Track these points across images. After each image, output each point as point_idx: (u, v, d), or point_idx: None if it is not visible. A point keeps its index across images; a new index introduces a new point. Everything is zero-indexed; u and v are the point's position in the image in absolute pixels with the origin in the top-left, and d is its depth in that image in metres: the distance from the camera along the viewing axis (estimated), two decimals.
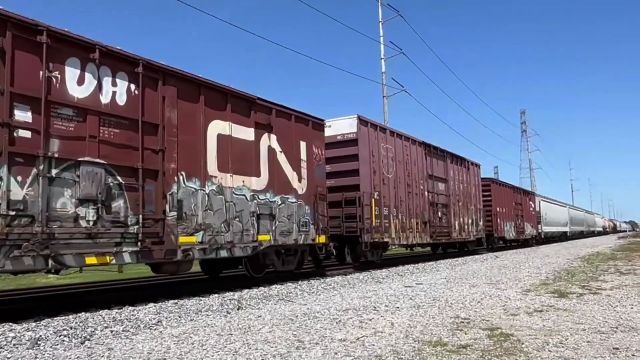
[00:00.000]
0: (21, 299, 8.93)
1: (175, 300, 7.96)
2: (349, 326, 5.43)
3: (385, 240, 14.53)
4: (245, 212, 9.56)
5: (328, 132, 13.22)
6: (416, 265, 15.91)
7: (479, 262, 16.47)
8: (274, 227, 10.24)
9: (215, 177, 8.98)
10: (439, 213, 18.29)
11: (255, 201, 9.83)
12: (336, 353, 4.25)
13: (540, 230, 36.41)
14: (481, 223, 22.91)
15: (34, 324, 5.90)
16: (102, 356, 4.37)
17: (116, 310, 6.90)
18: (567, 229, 48.87)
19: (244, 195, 9.59)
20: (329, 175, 12.94)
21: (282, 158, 10.76)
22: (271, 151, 10.44)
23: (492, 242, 25.53)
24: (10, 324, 5.86)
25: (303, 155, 11.42)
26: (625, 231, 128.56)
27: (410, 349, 4.32)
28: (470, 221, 21.32)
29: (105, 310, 6.92)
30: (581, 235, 61.17)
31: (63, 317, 6.37)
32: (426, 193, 17.36)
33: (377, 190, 14.20)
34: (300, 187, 11.18)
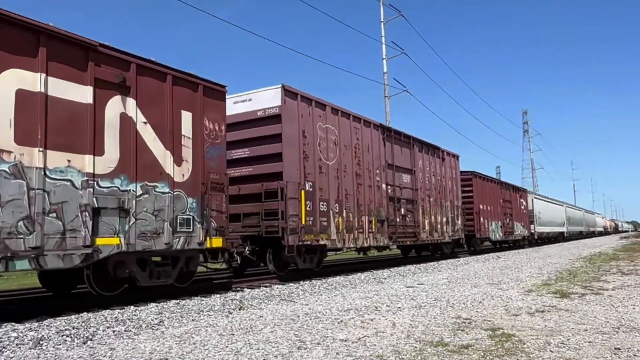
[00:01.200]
0: (24, 299, 8.94)
1: (177, 301, 7.98)
2: (351, 326, 5.43)
3: (323, 242, 11.58)
4: (70, 205, 6.70)
5: (247, 106, 11.28)
6: (418, 265, 15.90)
7: (480, 262, 16.46)
8: (127, 227, 7.39)
9: (10, 152, 6.18)
10: (402, 210, 15.44)
11: (90, 189, 6.97)
12: (338, 353, 4.25)
13: (533, 231, 33.84)
14: (459, 222, 20.29)
15: (36, 323, 5.92)
16: (105, 356, 4.38)
17: (118, 310, 6.91)
18: (564, 229, 46.11)
19: (69, 180, 6.75)
20: (248, 162, 11.23)
21: (146, 132, 7.88)
22: (126, 121, 7.57)
23: (474, 244, 23.15)
24: (13, 323, 5.89)
25: (186, 131, 8.53)
26: (628, 231, 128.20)
27: (412, 349, 4.32)
28: (444, 220, 18.65)
29: (108, 310, 6.94)
30: (580, 236, 58.87)
31: (65, 317, 6.39)
32: (384, 186, 14.53)
33: (311, 180, 11.37)
34: (180, 172, 8.34)
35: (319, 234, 11.43)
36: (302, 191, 11.01)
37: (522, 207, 31.53)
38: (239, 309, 7.09)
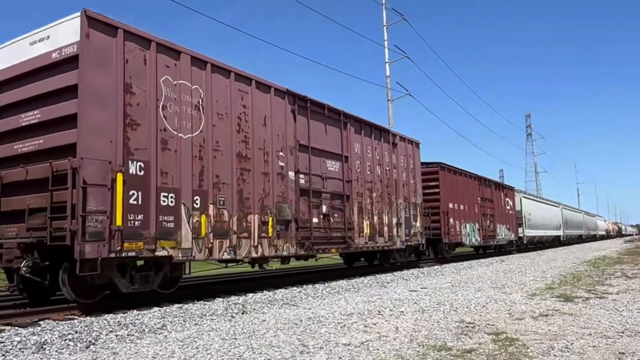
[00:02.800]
0: (26, 303, 8.95)
1: (180, 305, 7.98)
2: (354, 330, 5.42)
3: (162, 254, 7.77)
4: None
5: (43, 47, 7.57)
6: (421, 269, 15.86)
7: (484, 266, 16.41)
8: None
9: None
10: (324, 207, 11.62)
11: None
12: (340, 357, 4.24)
13: (522, 234, 29.86)
14: (418, 224, 16.35)
15: (39, 328, 5.93)
16: None
17: (121, 315, 6.92)
18: (560, 232, 41.83)
19: None
20: (38, 130, 7.50)
21: None
22: None
23: (441, 250, 19.30)
24: (16, 327, 5.90)
25: None
26: (632, 235, 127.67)
27: (415, 354, 4.31)
28: (395, 221, 14.76)
29: (110, 315, 6.95)
30: (580, 240, 54.28)
31: (68, 321, 6.39)
32: (291, 174, 10.71)
33: (141, 159, 7.58)
34: None
35: (156, 241, 7.63)
36: (119, 175, 7.23)
37: (508, 208, 27.54)
38: (242, 313, 7.09)
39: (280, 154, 10.56)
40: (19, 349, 4.90)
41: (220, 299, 8.68)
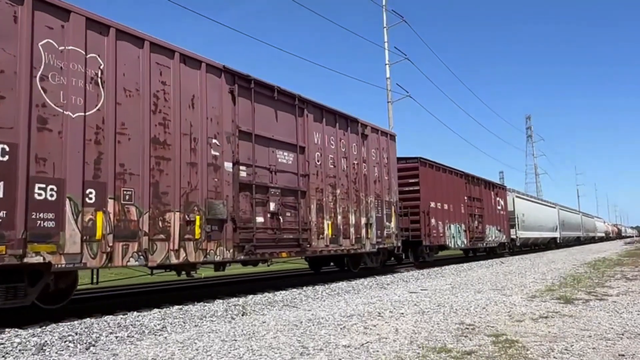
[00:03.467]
0: (26, 305, 8.95)
1: (180, 306, 7.98)
2: (354, 332, 5.42)
3: (35, 260, 6.22)
4: None
5: None
6: (421, 271, 15.86)
7: (484, 268, 16.40)
8: None
9: None
10: (272, 205, 10.05)
11: None
12: (340, 359, 4.24)
13: (515, 236, 28.28)
14: (393, 224, 14.71)
15: (39, 329, 5.93)
16: None
17: (121, 316, 6.92)
18: (556, 234, 40.22)
19: None
20: None
21: None
22: None
23: (422, 254, 17.66)
24: (16, 329, 5.90)
25: None
26: (632, 237, 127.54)
27: (415, 355, 4.31)
28: (364, 221, 13.19)
29: (110, 316, 6.95)
30: (577, 242, 52.85)
31: (68, 323, 6.39)
32: (228, 165, 9.17)
33: (4, 141, 6.08)
34: None
35: (25, 244, 6.10)
36: None
37: (499, 208, 25.79)
38: (242, 315, 7.09)
39: (214, 141, 8.97)
40: (19, 350, 4.91)
41: (220, 301, 8.68)
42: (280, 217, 10.27)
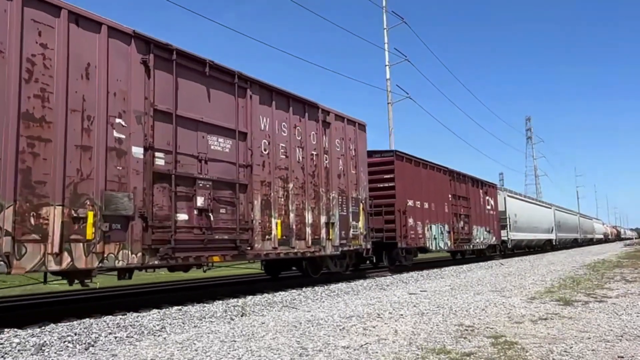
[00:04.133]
0: (26, 305, 8.96)
1: (179, 307, 7.97)
2: (353, 333, 5.42)
3: None
4: None
5: None
6: (421, 272, 15.85)
7: (484, 270, 16.41)
8: None
9: None
10: (200, 200, 8.54)
11: None
12: None
13: (506, 238, 26.63)
14: (361, 224, 13.05)
15: (38, 329, 5.93)
16: None
17: (120, 316, 6.92)
18: (552, 236, 38.37)
19: None
20: None
21: None
22: None
23: (397, 257, 15.78)
24: (15, 329, 5.89)
25: None
26: (632, 238, 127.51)
27: (414, 357, 4.31)
28: (324, 220, 11.56)
29: (110, 316, 6.95)
30: (575, 244, 51.60)
31: (67, 323, 6.39)
32: (137, 151, 7.63)
33: None
34: None
35: None
36: None
37: (489, 208, 23.99)
38: (241, 316, 7.09)
39: (118, 121, 7.35)
40: (18, 350, 4.91)
41: (220, 301, 8.68)
42: (211, 215, 8.64)
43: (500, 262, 21.14)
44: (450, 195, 19.62)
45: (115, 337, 5.53)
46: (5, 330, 5.79)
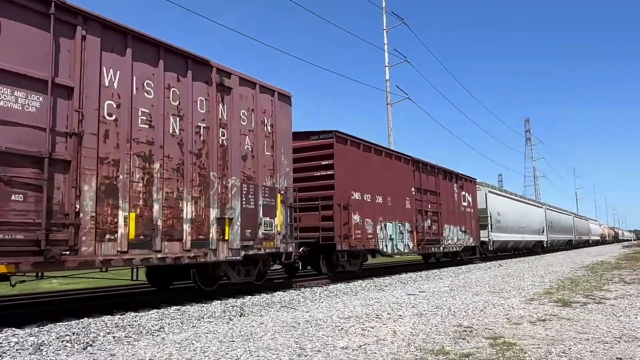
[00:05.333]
0: (24, 304, 8.94)
1: (178, 307, 7.97)
2: (351, 334, 5.42)
3: None
4: None
5: None
6: (419, 273, 15.86)
7: (482, 270, 16.41)
8: None
9: None
10: None
11: None
12: None
13: (487, 239, 23.80)
14: (277, 221, 10.27)
15: (36, 329, 5.92)
16: None
17: (119, 316, 6.91)
18: (542, 237, 35.78)
19: None
20: None
21: None
22: None
23: (337, 262, 12.94)
24: (13, 329, 5.88)
25: None
26: (630, 240, 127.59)
27: (412, 357, 4.31)
28: (216, 214, 8.90)
29: (108, 316, 6.94)
30: (569, 246, 48.61)
31: (66, 323, 6.38)
32: None
33: None
34: None
35: None
36: None
37: (465, 204, 21.24)
38: (240, 316, 7.09)
39: None
40: (16, 350, 4.90)
41: (218, 301, 8.67)
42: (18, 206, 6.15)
43: (499, 263, 21.14)
44: (413, 189, 16.67)
45: (114, 337, 5.53)
46: (4, 329, 5.78)
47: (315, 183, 12.88)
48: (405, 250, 15.81)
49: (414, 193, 16.67)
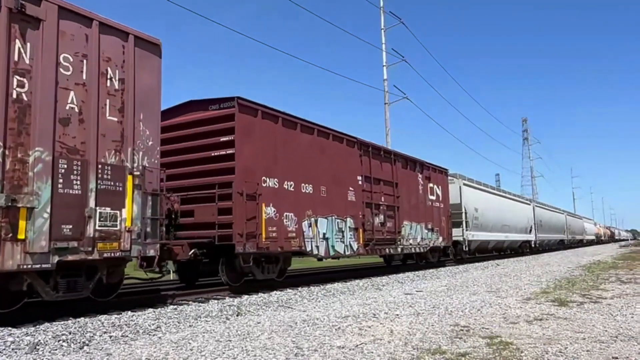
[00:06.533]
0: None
1: (175, 306, 7.96)
2: (348, 333, 5.42)
3: None
4: None
5: None
6: (416, 272, 15.88)
7: (480, 270, 16.44)
8: None
9: None
10: None
11: None
12: None
13: (462, 238, 20.99)
14: (127, 213, 7.47)
15: (32, 328, 5.90)
16: None
17: (115, 316, 6.90)
18: (530, 237, 33.05)
19: None
20: None
21: None
22: None
23: (240, 268, 10.02)
24: (9, 328, 5.87)
25: None
26: (627, 240, 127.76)
27: (409, 357, 4.31)
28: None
29: (105, 315, 6.92)
30: (561, 246, 46.17)
31: (62, 322, 6.37)
32: None
33: None
34: None
35: None
36: None
37: (433, 198, 18.32)
38: (237, 315, 7.08)
39: None
40: (12, 349, 4.89)
41: (215, 301, 8.67)
42: None
43: (497, 263, 21.18)
44: (360, 178, 13.67)
45: (110, 336, 5.52)
46: (0, 328, 5.77)
47: (213, 166, 10.00)
48: (347, 252, 12.78)
49: (360, 183, 13.65)
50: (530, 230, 33.24)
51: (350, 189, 13.27)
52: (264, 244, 10.05)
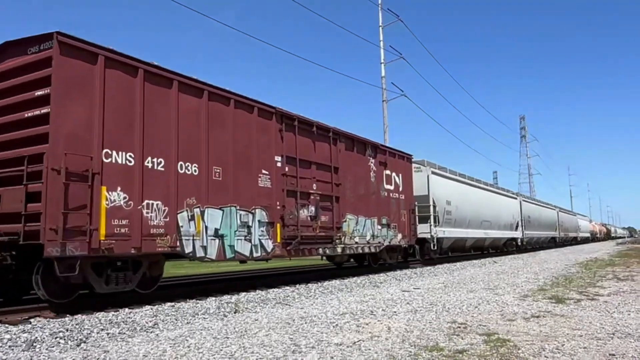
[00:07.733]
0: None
1: (172, 303, 7.95)
2: (346, 330, 5.42)
3: None
4: None
5: None
6: (414, 270, 15.90)
7: (477, 267, 16.47)
8: None
9: None
10: None
11: None
12: (332, 357, 4.24)
13: (430, 235, 17.97)
14: None
15: (30, 325, 5.89)
16: (98, 359, 4.36)
17: (112, 313, 6.88)
18: (516, 234, 30.09)
19: None
20: None
21: None
22: None
23: (64, 276, 6.75)
24: (6, 325, 5.85)
25: None
26: (624, 237, 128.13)
27: (407, 354, 4.31)
28: None
29: (102, 313, 6.91)
30: (552, 244, 43.19)
31: (59, 319, 6.36)
32: None
33: None
34: None
35: None
36: None
37: (391, 188, 15.31)
38: (234, 312, 7.08)
39: None
40: (9, 346, 4.87)
41: (213, 298, 8.66)
42: None
43: (494, 260, 21.22)
44: (279, 158, 10.84)
45: (108, 334, 5.51)
46: None
47: (25, 132, 7.15)
48: (257, 254, 9.89)
49: (280, 165, 10.83)
50: (517, 227, 30.26)
51: (264, 171, 10.35)
52: (104, 243, 7.11)
